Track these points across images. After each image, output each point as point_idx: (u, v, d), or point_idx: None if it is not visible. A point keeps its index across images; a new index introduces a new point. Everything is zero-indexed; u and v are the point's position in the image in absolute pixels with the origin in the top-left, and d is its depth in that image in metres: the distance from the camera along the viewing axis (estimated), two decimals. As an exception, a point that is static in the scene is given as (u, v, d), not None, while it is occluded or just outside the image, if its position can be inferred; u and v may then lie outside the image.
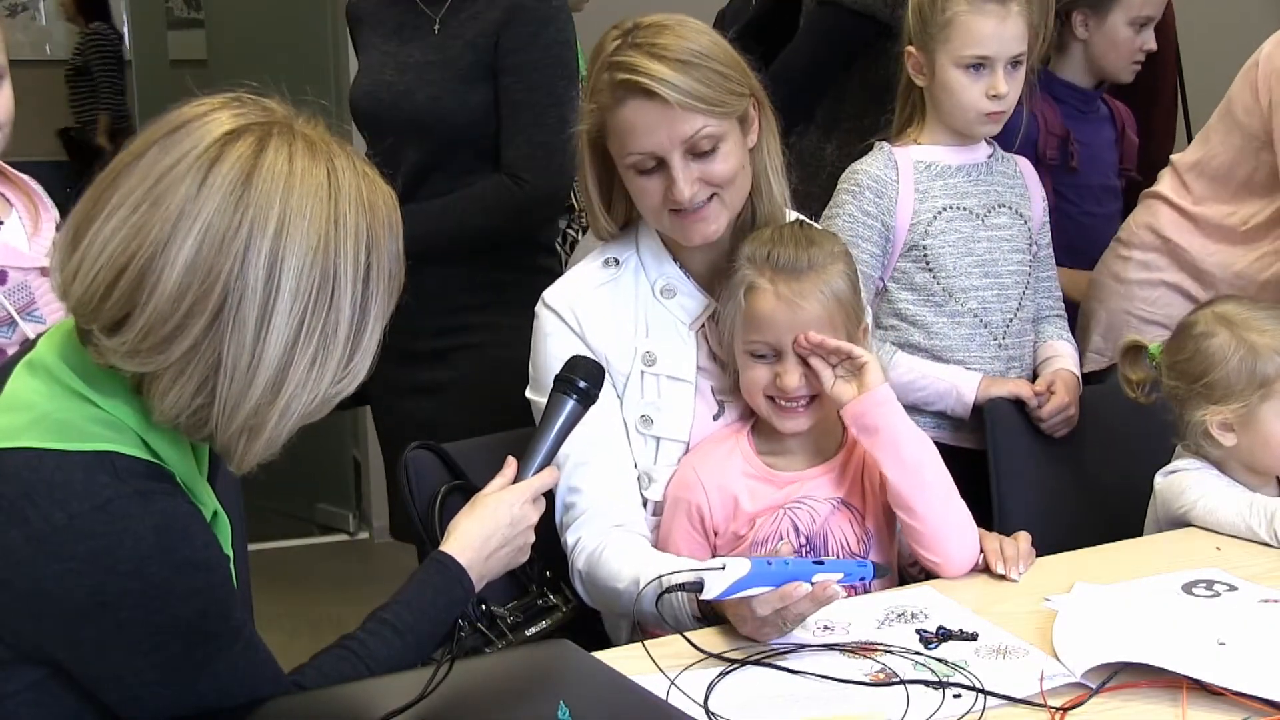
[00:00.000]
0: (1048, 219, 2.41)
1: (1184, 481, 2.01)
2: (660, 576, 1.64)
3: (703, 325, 1.94)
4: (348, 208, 1.25)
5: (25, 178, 2.07)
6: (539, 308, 1.94)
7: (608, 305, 1.91)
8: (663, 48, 1.78)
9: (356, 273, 1.26)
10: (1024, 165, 2.40)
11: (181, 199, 1.21)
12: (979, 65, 2.21)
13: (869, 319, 1.96)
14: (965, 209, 2.28)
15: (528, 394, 1.94)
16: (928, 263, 2.27)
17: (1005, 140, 2.40)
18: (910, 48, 2.27)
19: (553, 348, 1.89)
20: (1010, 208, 2.31)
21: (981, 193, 2.30)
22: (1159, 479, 2.05)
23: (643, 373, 1.88)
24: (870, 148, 2.33)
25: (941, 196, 2.28)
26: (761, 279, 1.82)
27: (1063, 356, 2.34)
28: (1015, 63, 2.23)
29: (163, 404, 1.24)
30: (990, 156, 2.33)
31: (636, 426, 1.90)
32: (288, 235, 1.22)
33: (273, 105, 1.30)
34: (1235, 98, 2.45)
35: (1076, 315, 2.62)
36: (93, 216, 1.23)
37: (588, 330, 1.89)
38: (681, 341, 1.92)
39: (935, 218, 2.27)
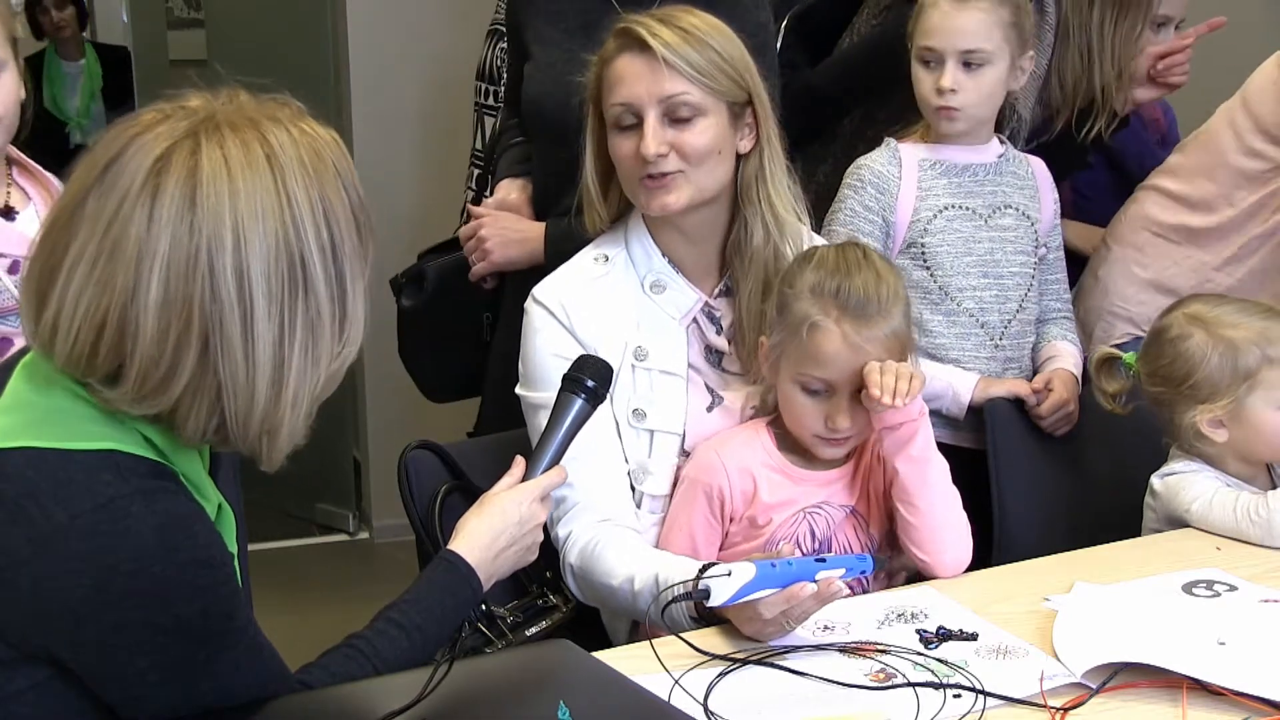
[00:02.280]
0: (1058, 221, 2.40)
1: (1179, 484, 2.01)
2: (670, 587, 1.63)
3: (694, 320, 1.94)
4: (296, 186, 1.24)
5: (46, 173, 2.08)
6: (528, 303, 1.94)
7: (597, 300, 1.92)
8: (673, 17, 1.86)
9: (322, 249, 1.25)
10: (1037, 166, 2.38)
11: (135, 241, 1.20)
12: (928, 58, 2.23)
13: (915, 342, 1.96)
14: (968, 209, 2.28)
15: (518, 390, 1.94)
16: (925, 260, 2.27)
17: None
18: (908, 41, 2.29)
19: (542, 342, 1.90)
20: (1017, 209, 2.31)
21: (988, 193, 2.30)
22: (1156, 481, 2.05)
23: (634, 367, 1.89)
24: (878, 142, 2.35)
25: (944, 195, 2.28)
26: (828, 319, 1.80)
27: (1063, 356, 2.34)
28: (970, 61, 2.21)
29: (185, 431, 1.25)
30: (1001, 156, 2.32)
31: (629, 420, 1.90)
32: (246, 241, 1.21)
33: (193, 103, 1.27)
34: (1255, 93, 2.45)
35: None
36: (53, 274, 1.22)
37: (577, 325, 1.89)
38: (672, 336, 1.92)
39: (935, 216, 2.27)
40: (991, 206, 2.29)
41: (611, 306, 1.91)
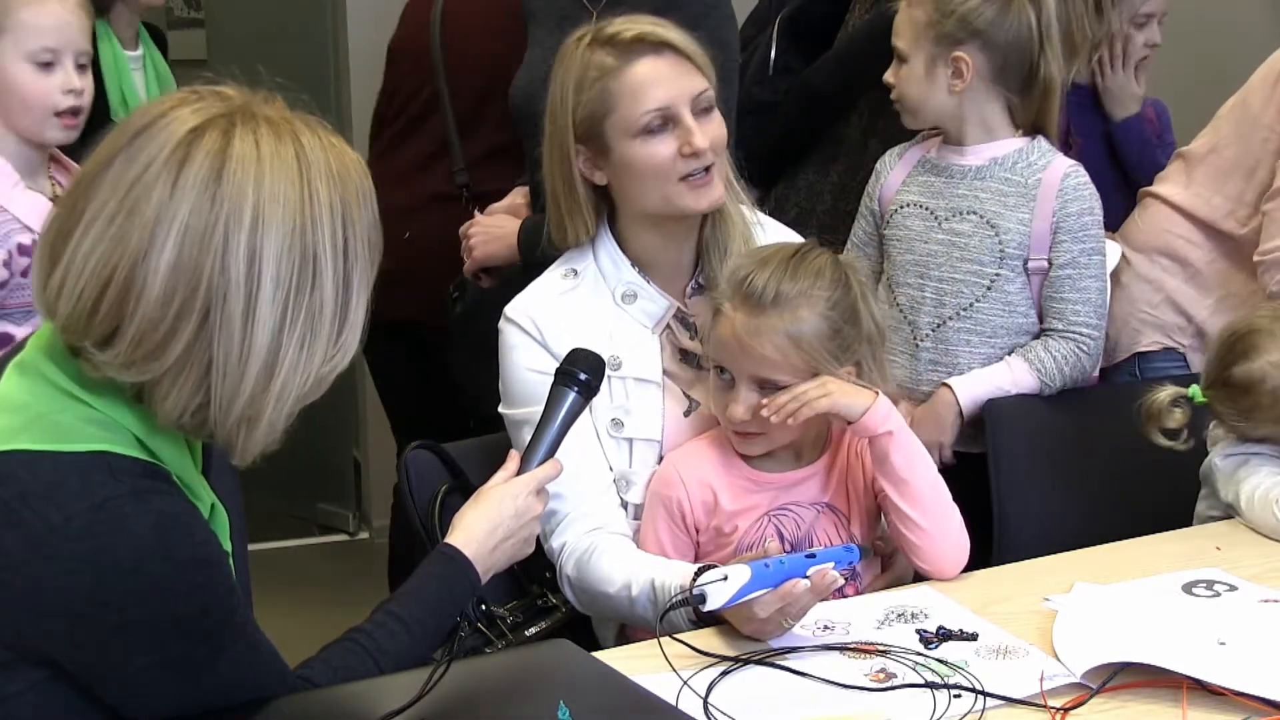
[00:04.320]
0: (1069, 238, 2.25)
1: (1245, 466, 2.01)
2: (671, 601, 1.62)
3: (667, 326, 1.94)
4: (320, 185, 1.25)
5: (76, 165, 2.10)
6: (501, 323, 1.94)
7: (569, 313, 1.91)
8: (649, 20, 1.88)
9: (335, 249, 1.26)
10: (1049, 176, 2.25)
11: (156, 204, 1.21)
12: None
13: (865, 359, 1.85)
14: (927, 208, 2.28)
15: (500, 410, 1.94)
16: (885, 252, 2.33)
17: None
18: None
19: (519, 359, 1.90)
20: (980, 216, 2.25)
21: (956, 196, 2.27)
22: (1219, 461, 2.04)
23: (609, 377, 1.86)
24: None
25: (915, 192, 2.31)
26: (728, 305, 1.81)
27: (985, 372, 2.25)
28: (900, 56, 2.25)
29: (164, 408, 1.25)
30: (996, 161, 2.26)
31: (608, 431, 1.90)
32: (264, 224, 1.22)
33: (229, 92, 1.29)
34: (1253, 90, 2.44)
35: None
36: (68, 233, 1.23)
37: (549, 338, 1.89)
38: (645, 345, 1.92)
39: (897, 211, 2.31)
40: (952, 210, 2.27)
41: (583, 319, 1.91)
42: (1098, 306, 2.29)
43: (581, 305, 1.92)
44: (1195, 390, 2.03)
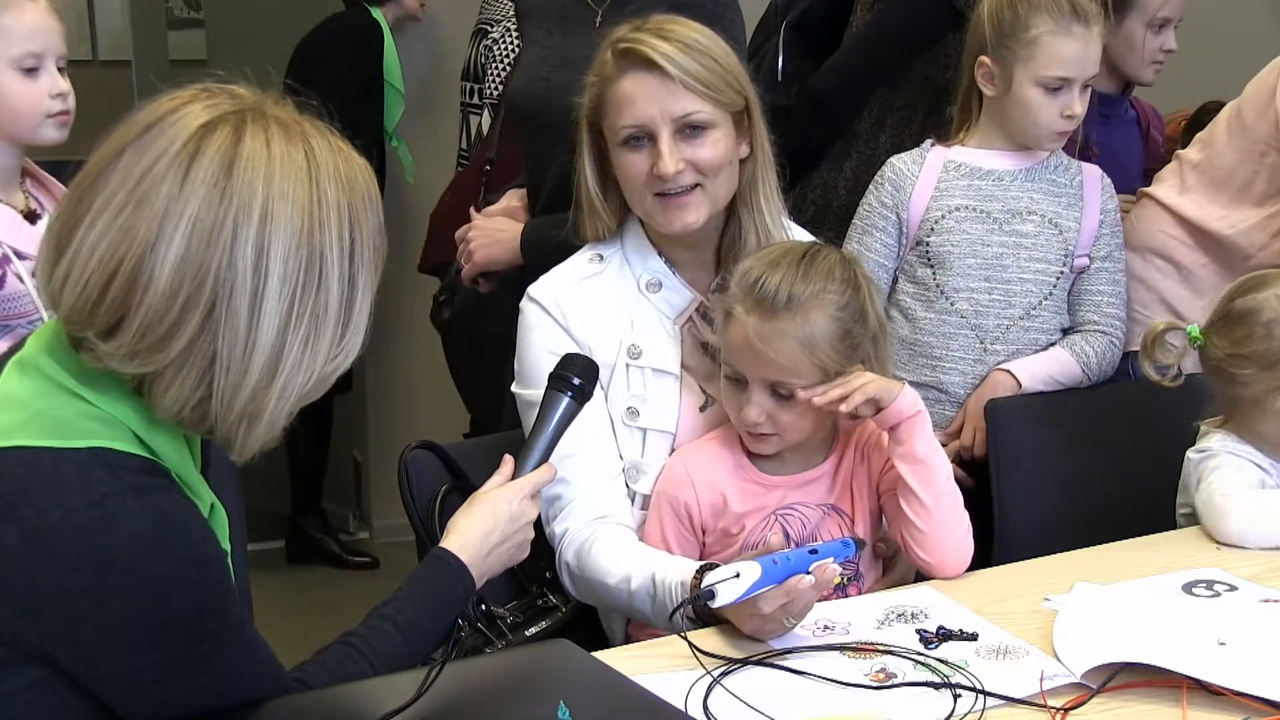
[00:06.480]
0: (1109, 231, 2.37)
1: (1209, 467, 2.00)
2: (682, 601, 1.62)
3: (688, 319, 1.94)
4: (329, 186, 1.26)
5: (57, 182, 2.09)
6: (524, 302, 1.94)
7: (592, 298, 1.92)
8: (668, 31, 1.86)
9: (342, 250, 1.26)
10: (1088, 175, 2.38)
11: (165, 197, 1.21)
12: (1055, 86, 2.24)
13: (869, 355, 1.85)
14: (983, 212, 2.29)
15: (513, 389, 1.94)
16: (929, 259, 2.30)
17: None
18: (984, 58, 2.28)
19: (537, 340, 1.90)
20: (1042, 216, 2.30)
21: (1010, 198, 2.30)
22: (1192, 455, 2.03)
23: (628, 365, 1.88)
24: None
25: (960, 197, 2.30)
26: (740, 309, 1.80)
27: (1027, 359, 2.30)
28: (1087, 84, 2.27)
29: (164, 401, 1.25)
30: (1040, 164, 2.33)
31: (622, 419, 1.90)
32: (272, 221, 1.22)
33: (241, 91, 1.30)
34: (1247, 101, 2.45)
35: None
36: (75, 224, 1.23)
37: (571, 322, 1.89)
38: (666, 336, 1.93)
39: (945, 216, 2.29)
40: (1010, 212, 2.30)
41: (606, 305, 1.92)
42: (1125, 300, 2.39)
43: (605, 291, 1.93)
44: (1194, 329, 2.03)
